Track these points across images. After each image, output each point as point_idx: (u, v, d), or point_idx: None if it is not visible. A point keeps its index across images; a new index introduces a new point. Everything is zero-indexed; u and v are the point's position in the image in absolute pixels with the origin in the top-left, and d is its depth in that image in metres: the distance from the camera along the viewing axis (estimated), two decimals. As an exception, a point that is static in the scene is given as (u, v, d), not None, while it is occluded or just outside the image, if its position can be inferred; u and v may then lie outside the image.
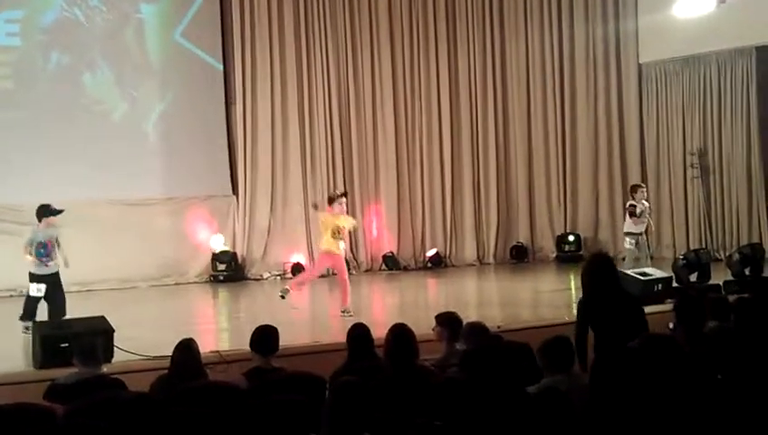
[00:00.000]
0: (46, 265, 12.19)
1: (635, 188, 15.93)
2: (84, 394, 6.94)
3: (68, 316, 11.60)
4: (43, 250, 12.16)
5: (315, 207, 15.31)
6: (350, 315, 12.93)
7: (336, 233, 13.48)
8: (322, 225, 13.69)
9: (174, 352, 7.62)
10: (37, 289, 12.06)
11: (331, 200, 13.88)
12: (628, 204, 15.68)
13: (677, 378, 6.09)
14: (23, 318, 12.13)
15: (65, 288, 12.63)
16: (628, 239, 15.48)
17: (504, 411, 5.05)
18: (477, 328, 8.19)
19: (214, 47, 19.50)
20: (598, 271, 8.39)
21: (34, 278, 12.15)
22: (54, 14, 18.29)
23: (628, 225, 15.42)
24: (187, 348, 7.62)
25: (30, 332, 11.52)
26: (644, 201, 15.55)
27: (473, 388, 5.89)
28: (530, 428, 5.01)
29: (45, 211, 12.46)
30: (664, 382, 5.90)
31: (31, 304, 12.18)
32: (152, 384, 7.44)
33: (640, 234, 15.36)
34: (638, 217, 15.21)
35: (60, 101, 18.12)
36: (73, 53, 18.42)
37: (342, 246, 13.79)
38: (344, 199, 13.93)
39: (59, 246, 12.41)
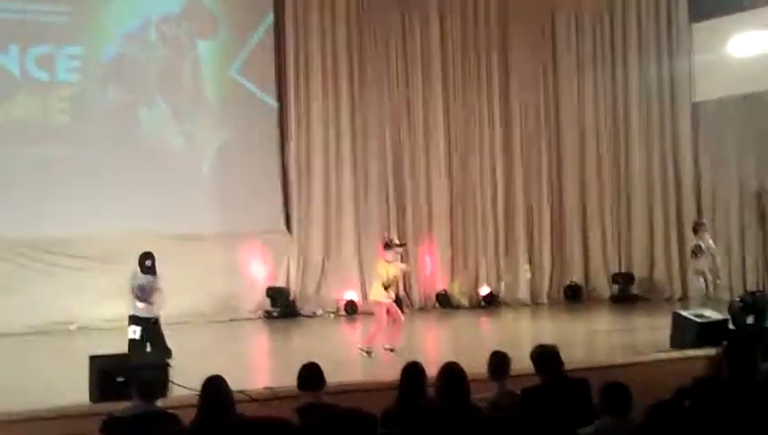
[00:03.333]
0: (144, 310, 12.14)
1: (698, 226, 15.86)
2: (140, 428, 6.98)
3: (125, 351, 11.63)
4: (141, 294, 12.17)
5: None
6: (366, 354, 13.12)
7: (390, 282, 13.46)
8: (376, 272, 13.66)
9: (202, 389, 7.58)
10: (133, 331, 11.97)
11: (386, 246, 13.83)
12: (693, 244, 15.58)
13: (727, 420, 6.02)
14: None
15: (119, 323, 12.68)
16: (695, 277, 15.40)
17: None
18: (549, 352, 8.14)
19: (269, 84, 19.69)
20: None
21: (131, 320, 12.11)
22: (113, 49, 18.59)
23: (695, 262, 15.35)
24: (215, 384, 7.58)
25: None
26: (708, 240, 15.46)
27: (525, 427, 5.86)
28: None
29: (139, 263, 12.48)
30: (715, 426, 5.86)
31: (133, 346, 11.96)
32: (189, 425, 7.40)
33: (706, 271, 15.26)
34: (703, 254, 15.13)
35: (116, 137, 18.36)
36: (130, 89, 18.68)
37: (392, 293, 13.71)
38: (400, 249, 13.98)
39: (159, 292, 12.37)
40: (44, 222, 17.55)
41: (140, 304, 12.11)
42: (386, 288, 13.44)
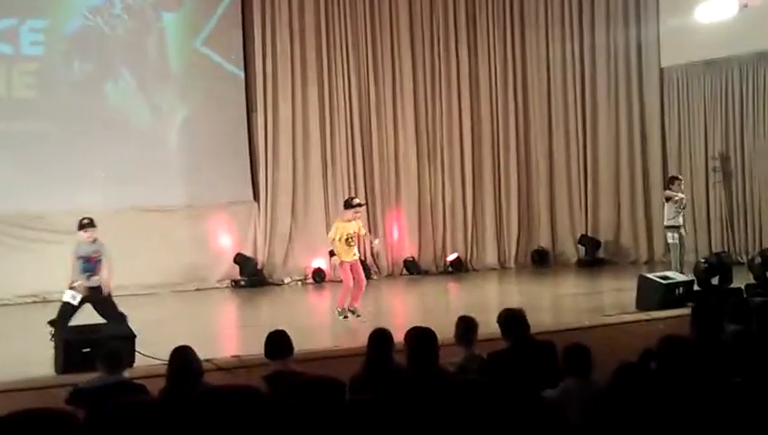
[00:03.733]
0: (87, 280, 11.87)
1: (672, 180, 15.96)
2: (106, 399, 6.97)
3: (90, 322, 11.57)
4: (86, 264, 12.01)
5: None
6: (357, 316, 13.18)
7: (350, 239, 13.44)
8: (335, 232, 13.59)
9: (170, 359, 7.59)
10: (71, 295, 11.74)
11: (347, 205, 13.85)
12: (666, 195, 15.67)
13: (694, 381, 6.09)
14: (53, 323, 11.79)
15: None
16: (669, 233, 15.48)
17: (516, 416, 5.07)
18: (515, 316, 8.19)
19: (235, 55, 19.59)
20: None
21: (72, 286, 11.85)
22: (77, 22, 18.42)
23: (670, 217, 15.42)
24: (183, 354, 7.59)
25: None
26: (680, 194, 15.57)
27: (491, 391, 5.89)
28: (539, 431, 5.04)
29: (78, 225, 12.18)
30: (681, 386, 5.92)
31: (64, 310, 11.76)
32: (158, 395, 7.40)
33: (680, 226, 15.35)
34: (676, 205, 15.22)
35: (82, 110, 18.22)
36: (96, 62, 18.53)
37: (355, 252, 13.64)
38: (360, 210, 13.95)
39: (103, 261, 12.06)
40: (13, 197, 17.47)
41: (83, 275, 11.87)
42: (349, 245, 13.42)
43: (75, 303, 11.73)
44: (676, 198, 15.37)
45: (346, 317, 13.30)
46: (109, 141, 18.30)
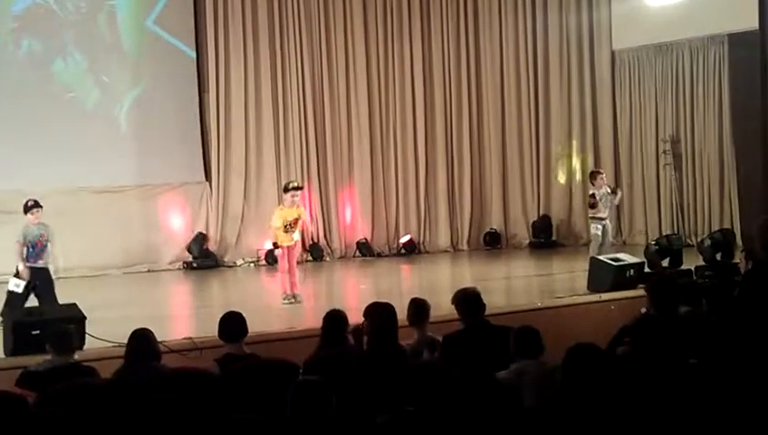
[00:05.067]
0: (35, 263, 11.75)
1: (594, 175, 15.88)
2: (56, 381, 6.93)
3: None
4: (32, 249, 11.88)
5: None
6: (290, 303, 13.11)
7: (289, 226, 13.36)
8: (275, 219, 13.47)
9: (128, 341, 7.57)
10: (15, 284, 11.60)
11: (285, 190, 13.76)
12: (589, 193, 15.68)
13: (654, 362, 6.15)
14: (1, 314, 11.54)
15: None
16: (593, 225, 15.53)
17: (470, 398, 5.08)
18: (471, 295, 8.20)
19: (187, 34, 19.42)
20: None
21: (17, 273, 11.72)
22: (26, 0, 18.15)
23: (593, 209, 15.47)
24: (142, 337, 7.56)
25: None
26: (604, 187, 15.54)
27: (445, 373, 5.91)
28: (493, 414, 5.05)
29: (24, 208, 12.07)
30: (640, 367, 5.97)
31: (11, 299, 11.59)
32: (113, 376, 7.37)
33: (605, 218, 15.40)
34: (601, 203, 15.24)
35: (31, 89, 17.98)
36: (45, 40, 18.29)
37: (296, 237, 13.60)
38: (298, 193, 13.74)
39: (50, 246, 11.95)
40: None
41: (29, 261, 11.75)
42: (287, 231, 13.33)
43: (20, 290, 11.61)
44: (599, 197, 15.31)
45: (291, 302, 13.22)
46: (58, 121, 18.10)
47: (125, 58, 18.96)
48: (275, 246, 13.65)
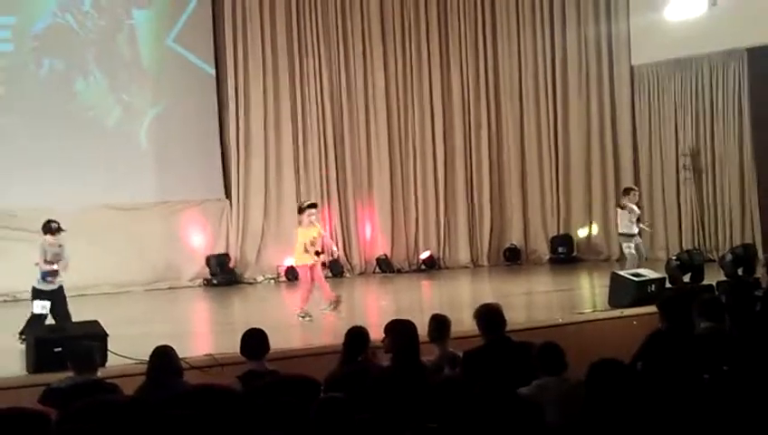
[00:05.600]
0: (52, 283, 11.86)
1: (628, 191, 15.97)
2: (79, 398, 6.94)
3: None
4: (51, 265, 11.92)
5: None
6: (306, 318, 13.09)
7: (308, 246, 13.36)
8: (301, 239, 13.47)
9: (150, 358, 7.59)
10: (42, 307, 11.61)
11: (300, 211, 13.81)
12: (621, 203, 15.68)
13: (666, 378, 6.12)
14: (23, 333, 11.57)
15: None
16: (625, 244, 15.50)
17: (492, 414, 5.07)
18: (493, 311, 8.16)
19: (206, 52, 19.52)
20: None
21: (38, 294, 11.80)
22: (47, 20, 18.29)
23: (625, 226, 15.44)
24: (163, 354, 7.58)
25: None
26: (635, 205, 15.57)
27: (467, 389, 5.90)
28: (515, 431, 5.04)
29: (44, 228, 12.13)
30: (658, 381, 5.95)
31: (35, 321, 11.58)
32: (135, 393, 7.38)
33: (635, 235, 15.38)
34: (629, 216, 15.25)
35: (52, 107, 18.10)
36: (66, 59, 18.43)
37: (315, 256, 13.50)
38: (313, 211, 13.76)
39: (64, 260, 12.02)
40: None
41: (49, 278, 11.83)
42: (306, 251, 13.34)
43: (46, 312, 11.68)
44: (629, 208, 15.35)
45: (308, 318, 13.18)
46: (79, 139, 18.21)
47: (145, 76, 19.06)
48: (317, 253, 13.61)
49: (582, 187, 20.87)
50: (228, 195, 19.55)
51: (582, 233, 20.72)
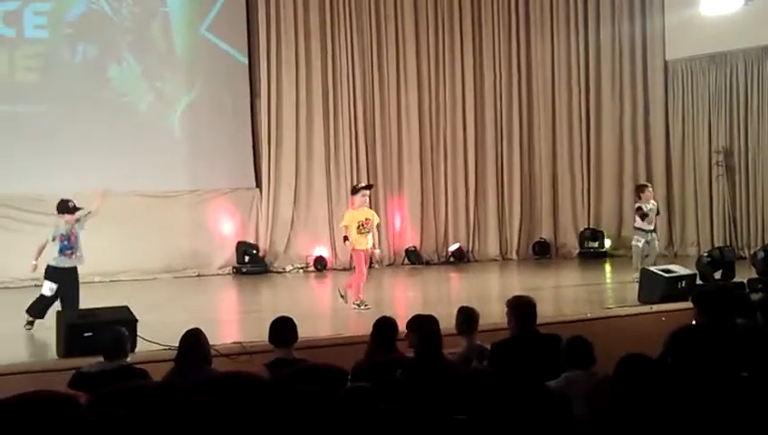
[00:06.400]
0: (69, 258, 11.90)
1: (641, 189, 15.87)
2: (108, 383, 6.99)
3: (93, 306, 11.54)
4: (67, 242, 11.98)
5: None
6: (362, 307, 12.97)
7: (362, 227, 13.15)
8: (347, 221, 13.33)
9: (180, 342, 7.63)
10: (50, 288, 11.70)
11: (354, 191, 13.69)
12: (636, 206, 15.63)
13: (702, 373, 6.08)
14: (29, 312, 11.83)
15: (89, 278, 12.55)
16: (636, 237, 15.47)
17: (521, 406, 5.05)
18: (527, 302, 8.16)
19: (239, 41, 19.57)
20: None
21: (51, 274, 11.80)
22: (81, 6, 18.38)
23: (639, 222, 15.42)
24: (193, 337, 7.62)
25: (32, 327, 11.66)
26: (651, 201, 15.50)
27: (495, 381, 5.90)
28: (543, 424, 5.02)
29: (62, 207, 12.17)
30: (690, 377, 5.91)
31: (41, 302, 11.80)
32: (164, 378, 7.43)
33: (651, 231, 15.33)
34: (648, 217, 15.23)
35: (86, 94, 18.20)
36: (100, 46, 18.52)
37: (369, 240, 13.31)
38: (368, 192, 13.64)
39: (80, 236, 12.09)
40: (14, 180, 17.40)
41: (62, 256, 11.86)
42: (362, 233, 13.14)
43: (51, 294, 11.75)
44: (647, 210, 15.30)
45: (363, 306, 13.02)
46: (112, 126, 18.28)
47: (178, 64, 19.13)
48: (345, 239, 13.48)
49: (614, 182, 20.79)
50: (259, 184, 19.60)
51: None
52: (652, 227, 15.43)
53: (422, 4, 20.51)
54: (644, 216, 15.21)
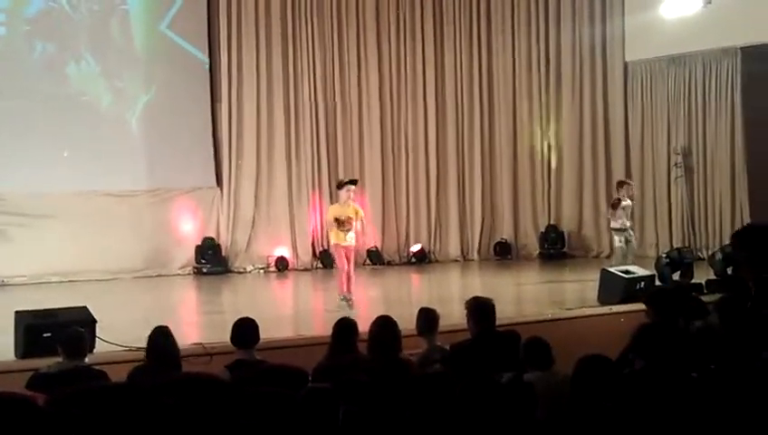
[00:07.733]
0: None
1: (622, 184, 16.03)
2: (67, 384, 6.94)
3: (51, 307, 11.47)
4: None
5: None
6: (346, 302, 12.99)
7: (341, 225, 13.17)
8: (329, 216, 13.40)
9: (150, 339, 7.61)
10: None
11: (339, 186, 13.75)
12: (614, 197, 15.75)
13: (661, 372, 6.12)
14: None
15: (47, 279, 12.42)
16: (617, 237, 15.55)
17: (474, 402, 5.08)
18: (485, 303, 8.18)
19: (200, 40, 19.44)
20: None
21: None
22: (39, 3, 18.20)
23: (618, 221, 15.49)
24: (164, 335, 7.60)
25: None
26: (628, 199, 15.62)
27: (452, 382, 5.91)
28: (499, 417, 5.05)
29: None
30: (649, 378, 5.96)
31: None
32: (129, 374, 7.41)
33: (628, 230, 15.44)
34: (623, 211, 15.30)
35: (44, 92, 18.02)
36: (58, 44, 18.34)
37: (351, 237, 13.30)
38: (352, 187, 13.61)
39: None
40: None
41: None
42: (342, 230, 13.14)
43: None
44: (624, 205, 15.42)
45: (349, 302, 13.01)
46: (70, 124, 18.14)
47: (138, 62, 18.98)
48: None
49: (574, 183, 20.88)
50: (220, 183, 19.52)
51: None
52: (629, 225, 15.56)
53: (384, 6, 20.51)
54: (615, 206, 15.34)
